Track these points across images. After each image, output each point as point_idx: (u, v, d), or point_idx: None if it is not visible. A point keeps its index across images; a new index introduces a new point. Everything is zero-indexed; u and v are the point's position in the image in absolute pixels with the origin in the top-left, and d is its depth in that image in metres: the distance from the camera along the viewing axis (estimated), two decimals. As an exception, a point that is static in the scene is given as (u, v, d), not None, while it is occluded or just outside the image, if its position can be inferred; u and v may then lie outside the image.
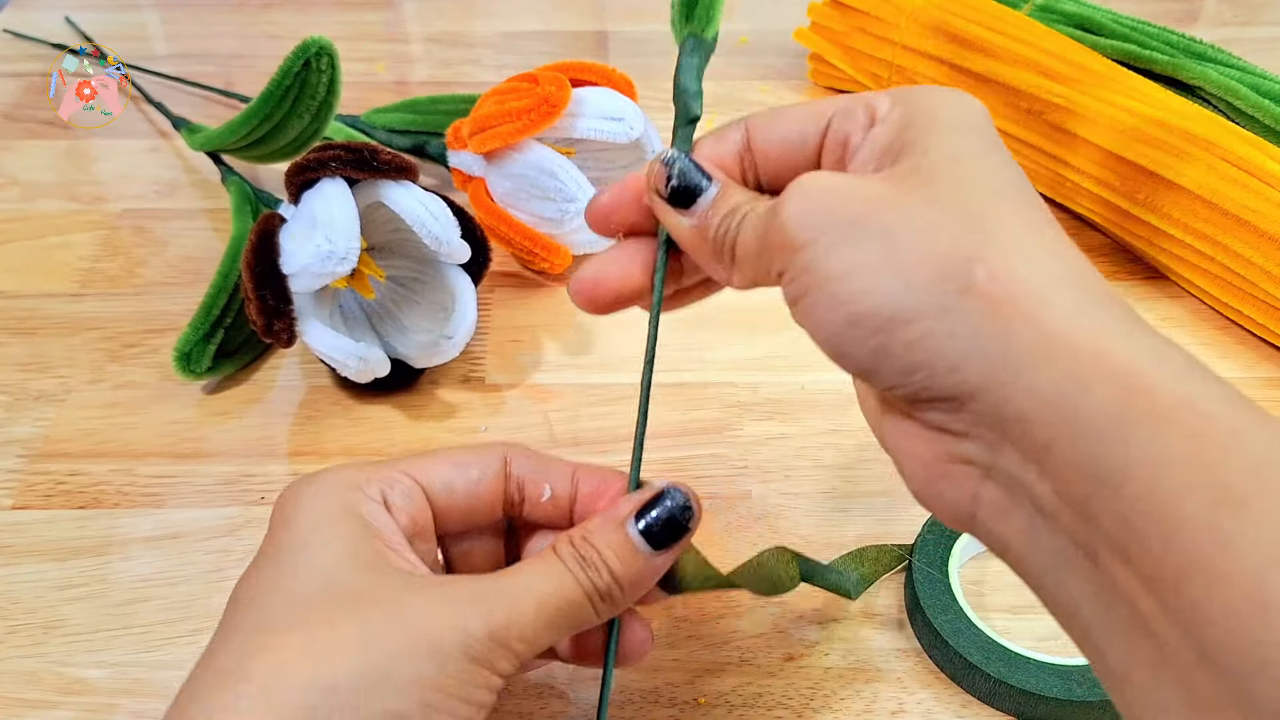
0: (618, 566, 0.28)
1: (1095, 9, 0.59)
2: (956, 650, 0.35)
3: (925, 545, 0.38)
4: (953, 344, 0.22)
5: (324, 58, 0.47)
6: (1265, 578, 0.18)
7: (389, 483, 0.29)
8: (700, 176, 0.28)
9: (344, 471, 0.29)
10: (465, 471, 0.30)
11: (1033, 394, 0.21)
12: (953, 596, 0.36)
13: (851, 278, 0.23)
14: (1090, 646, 0.22)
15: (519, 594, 0.27)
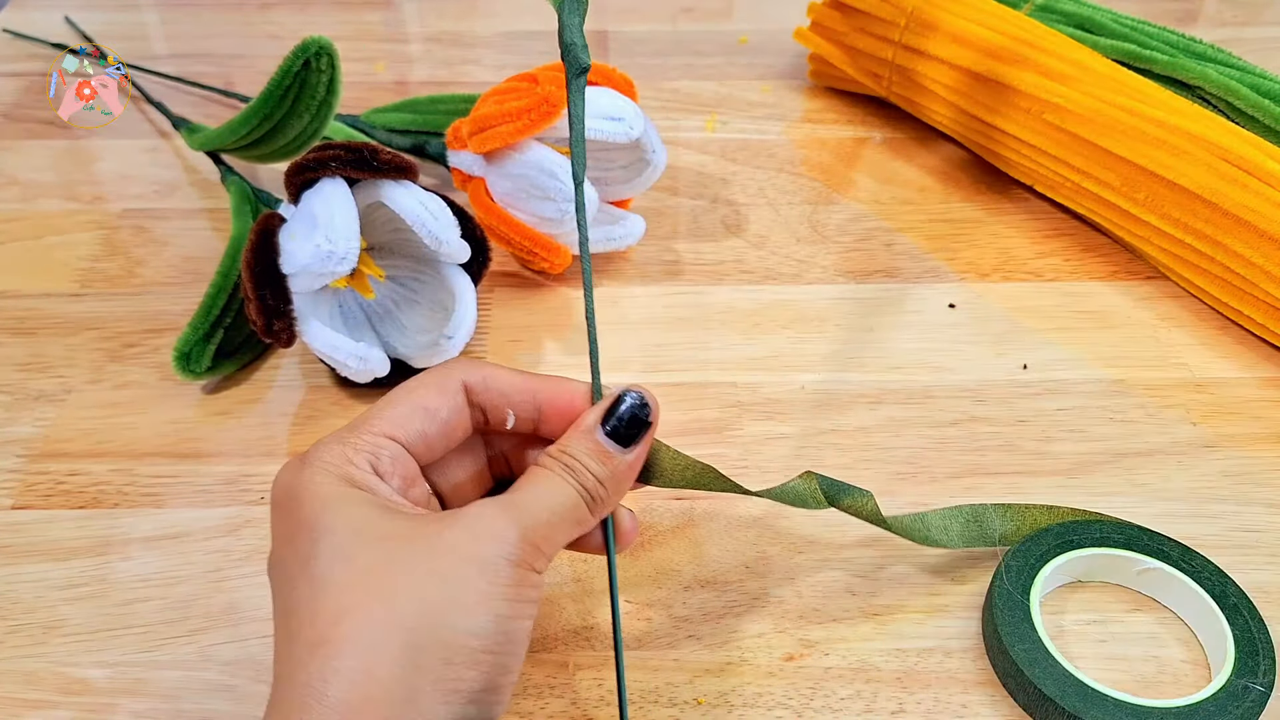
0: (597, 469, 0.31)
1: (1095, 9, 0.59)
2: (1031, 680, 0.34)
3: (1010, 570, 0.37)
4: None
5: (324, 58, 0.47)
6: None
7: (374, 451, 0.30)
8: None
9: (328, 450, 0.30)
10: (435, 417, 0.32)
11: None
12: (1032, 625, 0.36)
13: None
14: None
15: (530, 504, 0.30)
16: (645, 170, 0.52)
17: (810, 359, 0.49)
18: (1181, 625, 0.38)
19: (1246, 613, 0.36)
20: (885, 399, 0.46)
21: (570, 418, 0.32)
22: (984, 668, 0.36)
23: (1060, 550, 0.38)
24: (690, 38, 0.75)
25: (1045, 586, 0.37)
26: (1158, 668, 0.36)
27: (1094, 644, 0.37)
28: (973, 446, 0.44)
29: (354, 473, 0.30)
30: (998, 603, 0.36)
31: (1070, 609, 0.38)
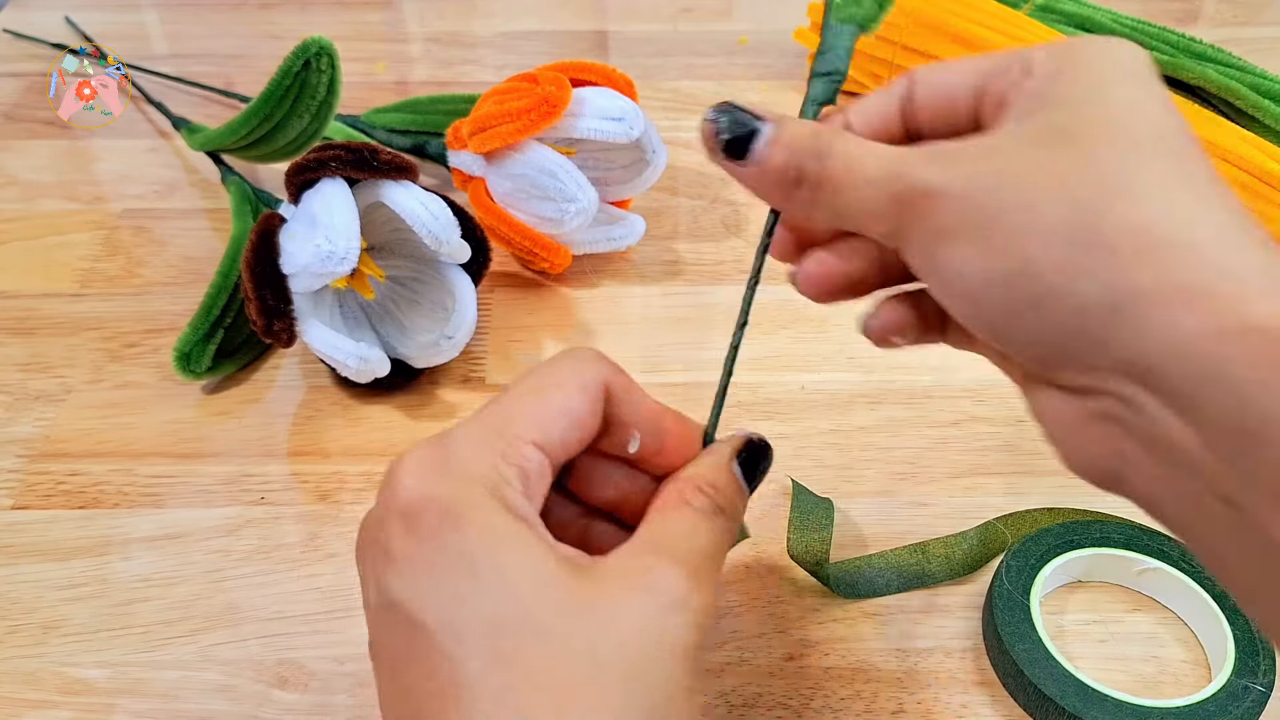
0: (740, 505, 0.28)
1: (1095, 9, 0.59)
2: (1032, 681, 0.34)
3: (1010, 570, 0.37)
4: (1080, 298, 0.22)
5: (324, 58, 0.47)
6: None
7: (523, 464, 0.25)
8: (744, 124, 0.27)
9: (477, 456, 0.25)
10: (579, 424, 0.27)
11: (1169, 344, 0.21)
12: (1032, 625, 0.36)
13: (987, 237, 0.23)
14: (1244, 599, 0.22)
15: (695, 559, 0.25)
16: (645, 170, 0.52)
17: (810, 359, 0.49)
18: (1181, 625, 0.38)
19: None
20: (885, 399, 0.46)
21: (684, 457, 0.29)
22: (984, 668, 0.36)
23: (1060, 550, 0.38)
24: (690, 38, 0.75)
25: (1045, 586, 0.37)
26: (1158, 668, 0.36)
27: (1094, 644, 0.37)
28: (973, 446, 0.44)
29: (510, 495, 0.24)
30: (998, 603, 0.36)
31: (1070, 609, 0.38)
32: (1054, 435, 0.25)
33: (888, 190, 0.25)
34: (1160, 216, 0.22)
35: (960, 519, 0.41)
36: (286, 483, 0.43)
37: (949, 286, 0.24)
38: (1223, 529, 0.21)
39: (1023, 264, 0.22)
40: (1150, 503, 0.23)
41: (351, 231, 0.41)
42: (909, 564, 0.39)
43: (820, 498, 0.41)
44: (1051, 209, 0.22)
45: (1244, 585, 0.22)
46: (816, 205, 0.26)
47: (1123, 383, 0.22)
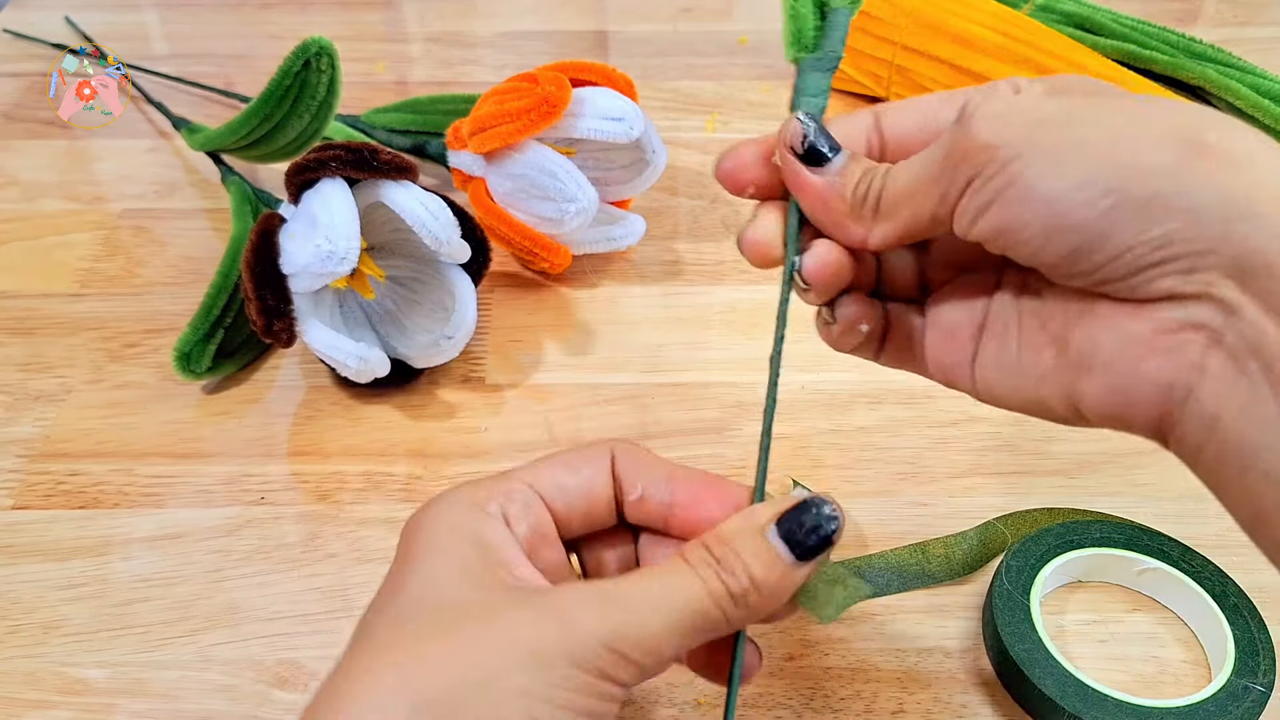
0: (758, 572, 0.26)
1: (1095, 9, 0.59)
2: (1032, 681, 0.34)
3: (1010, 570, 0.37)
4: (1193, 198, 0.22)
5: (324, 58, 0.47)
6: None
7: (507, 495, 0.29)
8: (832, 139, 0.28)
9: (467, 490, 0.29)
10: (576, 472, 0.30)
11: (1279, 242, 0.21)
12: (1032, 625, 0.36)
13: (1076, 154, 0.23)
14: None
15: (638, 598, 0.26)
16: (645, 170, 0.52)
17: (810, 359, 0.49)
18: (1181, 625, 0.38)
19: (1246, 613, 0.36)
20: (885, 399, 0.46)
21: (715, 518, 0.28)
22: (984, 668, 0.36)
23: (1060, 550, 0.38)
24: (690, 38, 0.75)
25: (1045, 586, 0.37)
26: (1158, 668, 0.36)
27: (1094, 644, 0.37)
28: (973, 446, 0.44)
29: (477, 515, 0.28)
30: (998, 603, 0.36)
31: (1070, 609, 0.38)
32: (1112, 356, 0.24)
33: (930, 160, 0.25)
34: (1253, 140, 0.22)
35: (960, 519, 0.41)
36: (286, 483, 0.43)
37: (1029, 207, 0.24)
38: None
39: (1130, 171, 0.22)
40: (1211, 425, 0.23)
41: (351, 231, 0.41)
42: (909, 564, 0.39)
43: None
44: (1153, 125, 0.23)
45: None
46: (878, 219, 0.27)
47: (1226, 285, 0.22)
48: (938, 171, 0.25)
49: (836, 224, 0.28)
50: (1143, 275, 0.23)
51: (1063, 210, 0.23)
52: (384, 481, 0.43)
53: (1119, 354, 0.24)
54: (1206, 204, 0.22)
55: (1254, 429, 0.22)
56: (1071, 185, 0.23)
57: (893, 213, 0.27)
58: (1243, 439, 0.22)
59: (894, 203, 0.27)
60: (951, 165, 0.25)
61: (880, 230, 0.27)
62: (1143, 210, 0.22)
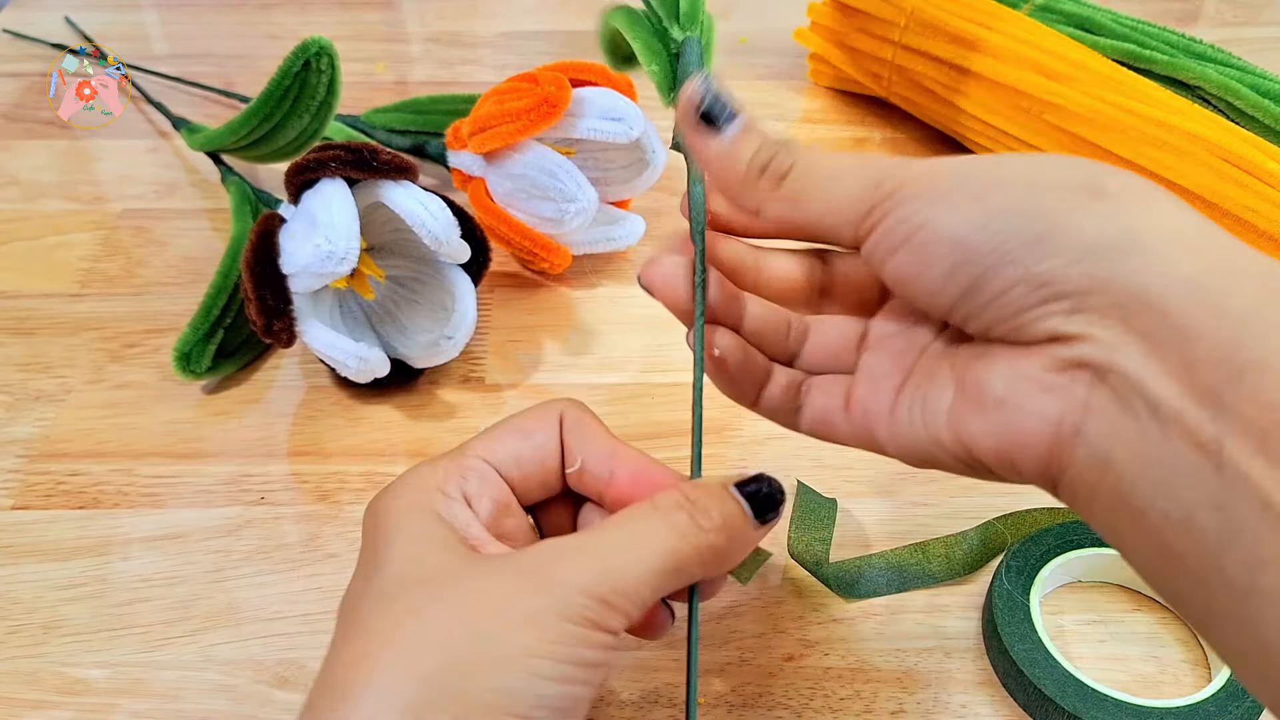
0: (721, 517, 0.27)
1: (1095, 9, 0.59)
2: (1031, 680, 0.34)
3: (1010, 570, 0.37)
4: (1082, 236, 0.22)
5: (324, 58, 0.47)
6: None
7: (463, 473, 0.29)
8: (728, 105, 0.28)
9: (421, 472, 0.29)
10: (530, 439, 0.30)
11: (1171, 280, 0.21)
12: (1032, 625, 0.36)
13: (980, 194, 0.24)
14: (1201, 553, 0.21)
15: (614, 547, 0.26)
16: (645, 170, 0.52)
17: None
18: (1181, 625, 0.38)
19: (1246, 613, 0.36)
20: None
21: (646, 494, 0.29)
22: (984, 668, 0.36)
23: (1060, 550, 0.38)
24: (690, 38, 0.75)
25: (1045, 586, 0.37)
26: (1158, 668, 0.36)
27: (1094, 644, 0.37)
28: (973, 446, 0.44)
29: (436, 498, 0.28)
30: (998, 603, 0.36)
31: (1070, 609, 0.38)
32: (1004, 394, 0.24)
33: (864, 178, 0.26)
34: (1152, 191, 0.23)
35: (960, 519, 0.41)
36: (286, 483, 0.43)
37: (931, 247, 0.24)
38: (1190, 479, 0.21)
39: (1026, 210, 0.23)
40: (1104, 465, 0.23)
41: (351, 231, 0.41)
42: (909, 564, 0.39)
43: (825, 498, 0.41)
44: (1051, 171, 0.24)
45: (1210, 546, 0.21)
46: (776, 198, 0.27)
47: (1109, 325, 0.22)
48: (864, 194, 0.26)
49: (728, 189, 0.28)
50: (1028, 315, 0.23)
51: (961, 248, 0.24)
52: (384, 481, 0.43)
53: (1009, 392, 0.24)
54: (1096, 242, 0.22)
55: (1146, 469, 0.22)
56: (972, 225, 0.24)
57: (801, 201, 0.27)
58: (1136, 478, 0.22)
59: (807, 192, 0.27)
60: (878, 197, 0.25)
61: (778, 209, 0.27)
62: (1033, 247, 0.23)
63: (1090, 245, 0.22)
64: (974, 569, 0.39)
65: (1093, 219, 0.23)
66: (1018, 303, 0.23)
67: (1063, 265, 0.23)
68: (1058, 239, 0.23)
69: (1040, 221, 0.23)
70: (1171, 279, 0.21)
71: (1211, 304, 0.21)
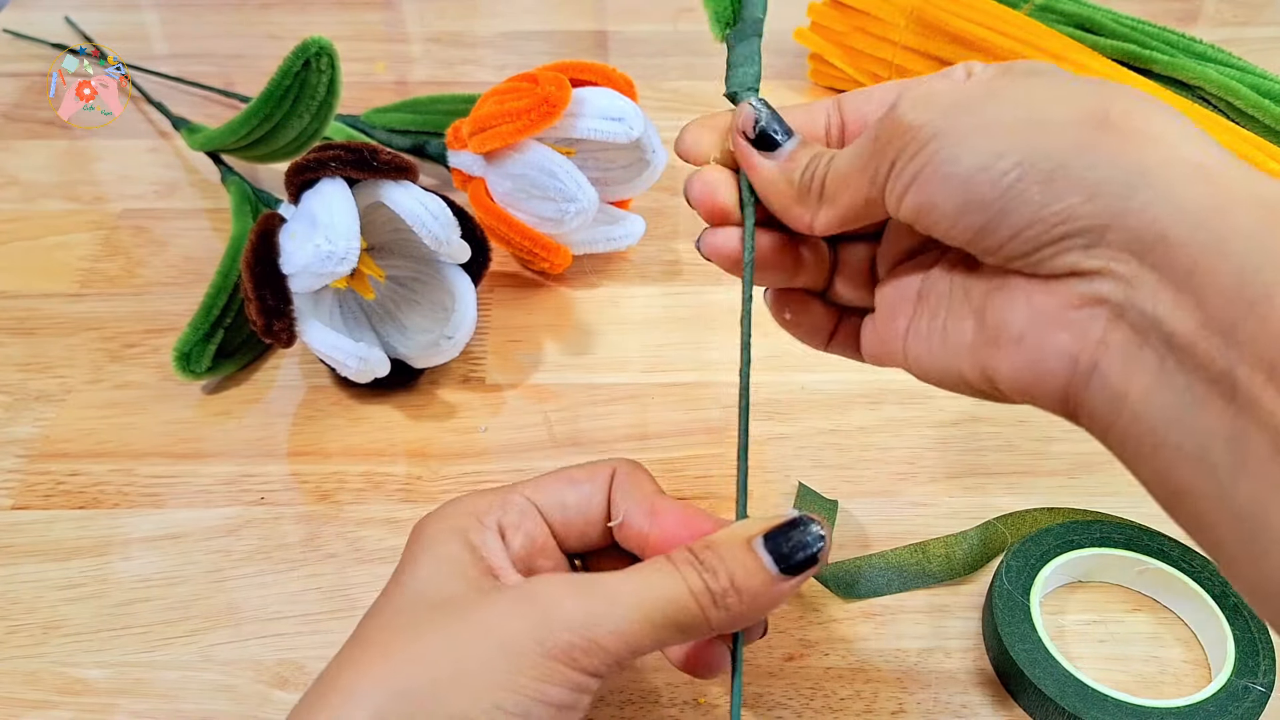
0: (739, 575, 0.27)
1: (1095, 9, 0.59)
2: (1031, 680, 0.34)
3: (1010, 570, 0.37)
4: (1093, 173, 0.22)
5: (324, 58, 0.47)
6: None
7: (504, 506, 0.30)
8: (784, 124, 0.29)
9: (467, 499, 0.30)
10: (577, 488, 0.31)
11: (1179, 214, 0.21)
12: (1032, 625, 0.36)
13: (986, 132, 0.24)
14: (1215, 487, 0.21)
15: (615, 588, 0.26)
16: (645, 170, 0.52)
17: (810, 359, 0.48)
18: (1181, 625, 0.38)
19: (1246, 613, 0.36)
20: (885, 399, 0.46)
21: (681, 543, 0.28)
22: (984, 668, 0.36)
23: (1060, 550, 0.38)
24: (690, 38, 0.75)
25: (1045, 586, 0.37)
26: (1158, 668, 0.36)
27: (1094, 644, 0.37)
28: (973, 446, 0.44)
29: (471, 524, 0.29)
30: (998, 603, 0.36)
31: (1070, 609, 0.38)
32: (1022, 330, 0.24)
33: (863, 141, 0.26)
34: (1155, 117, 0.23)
35: (960, 519, 0.41)
36: (286, 483, 0.43)
37: (939, 185, 0.24)
38: (1203, 413, 0.21)
39: (1034, 148, 0.23)
40: (1119, 400, 0.23)
41: (351, 231, 0.41)
42: (909, 564, 0.39)
43: (826, 500, 0.41)
44: (1058, 106, 0.23)
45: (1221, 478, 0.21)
46: (821, 204, 0.28)
47: (1125, 259, 0.22)
48: (868, 155, 0.26)
49: (784, 208, 0.29)
50: (1045, 251, 0.23)
51: (970, 188, 0.24)
52: (384, 481, 0.43)
53: (1028, 328, 0.24)
54: (1107, 178, 0.22)
55: (1161, 404, 0.22)
56: (978, 163, 0.23)
57: (834, 198, 0.27)
58: (1151, 414, 0.22)
59: (835, 188, 0.27)
60: (879, 148, 0.25)
61: (824, 215, 0.28)
62: (1045, 186, 0.23)
63: (1102, 181, 0.22)
64: (974, 569, 0.39)
65: (1101, 155, 0.22)
66: (1035, 240, 0.23)
67: (1076, 204, 0.22)
68: (1069, 177, 0.22)
69: (1049, 160, 0.23)
70: (1180, 212, 0.21)
71: (1219, 236, 0.21)
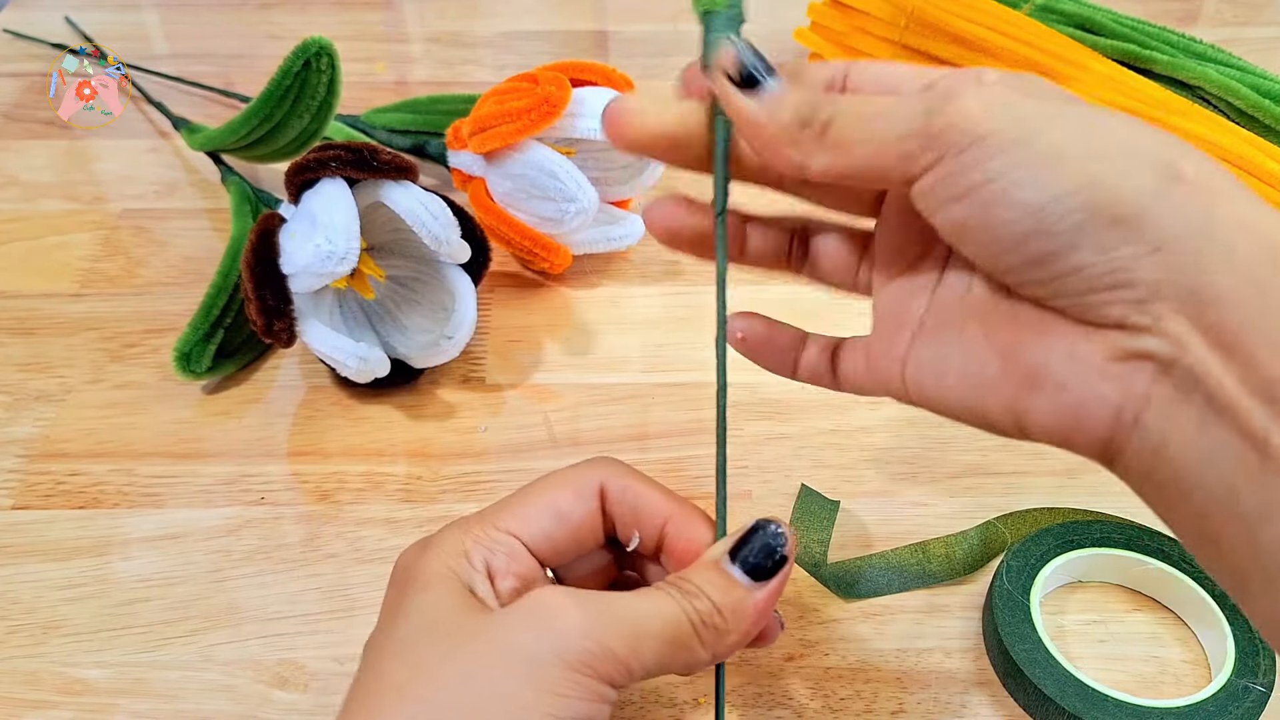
0: (717, 596, 0.28)
1: (1095, 9, 0.59)
2: (1031, 680, 0.34)
3: (1010, 570, 0.37)
4: (1162, 225, 0.22)
5: (324, 58, 0.47)
6: None
7: (492, 548, 0.29)
8: (768, 63, 0.27)
9: (452, 536, 0.30)
10: (565, 520, 0.30)
11: (1236, 274, 0.22)
12: (1032, 625, 0.36)
13: (1056, 162, 0.23)
14: (1244, 533, 0.22)
15: (620, 604, 0.27)
16: (645, 170, 0.52)
17: (810, 359, 0.49)
18: (1181, 625, 0.38)
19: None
20: (885, 399, 0.46)
21: (691, 558, 0.30)
22: (984, 668, 0.36)
23: (1060, 550, 0.38)
24: (690, 38, 0.75)
25: (1045, 586, 0.37)
26: (1158, 668, 0.36)
27: (1094, 644, 0.37)
28: (973, 446, 0.44)
29: (462, 566, 0.29)
30: (998, 603, 0.36)
31: (1070, 609, 0.38)
32: (1065, 377, 0.24)
33: (910, 110, 0.24)
34: (1217, 173, 0.23)
35: (960, 519, 0.41)
36: (286, 483, 0.43)
37: (1001, 209, 0.23)
38: (1238, 467, 0.22)
39: (1106, 190, 0.22)
40: (1159, 446, 0.23)
41: (351, 231, 0.41)
42: (909, 564, 0.39)
43: (828, 500, 0.41)
44: (1132, 146, 0.23)
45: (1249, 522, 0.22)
46: (822, 147, 0.25)
47: (1176, 319, 0.22)
48: (913, 129, 0.24)
49: (770, 149, 0.26)
50: (1097, 296, 0.23)
51: (1036, 218, 0.23)
52: (384, 481, 0.43)
53: (1071, 376, 0.24)
54: (1175, 232, 0.22)
55: (1198, 457, 0.22)
56: (1049, 195, 0.23)
57: (846, 146, 0.25)
58: (1188, 465, 0.23)
59: (850, 136, 0.25)
60: (931, 132, 0.24)
61: (824, 159, 0.25)
62: (1110, 230, 0.22)
63: (1168, 234, 0.22)
64: (974, 569, 0.39)
65: (1171, 207, 0.22)
66: (1087, 284, 0.23)
67: (1141, 253, 0.22)
68: (1140, 225, 0.22)
69: (1120, 205, 0.22)
70: (1241, 275, 0.22)
71: (1271, 297, 0.21)
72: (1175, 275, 0.22)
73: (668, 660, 0.27)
